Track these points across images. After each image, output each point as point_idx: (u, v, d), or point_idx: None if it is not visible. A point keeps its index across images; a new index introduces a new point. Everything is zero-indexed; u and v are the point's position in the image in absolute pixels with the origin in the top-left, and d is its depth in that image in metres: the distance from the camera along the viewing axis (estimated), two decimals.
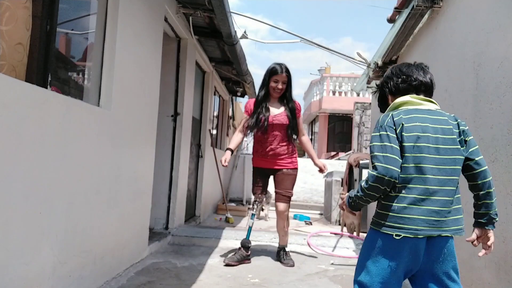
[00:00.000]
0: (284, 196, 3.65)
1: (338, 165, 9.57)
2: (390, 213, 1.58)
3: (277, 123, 3.63)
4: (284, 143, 3.69)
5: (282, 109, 3.69)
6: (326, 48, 5.24)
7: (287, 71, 3.62)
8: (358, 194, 1.65)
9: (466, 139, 1.64)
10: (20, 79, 1.93)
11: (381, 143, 1.59)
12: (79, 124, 2.30)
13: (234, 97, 9.52)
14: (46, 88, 2.12)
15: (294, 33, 5.14)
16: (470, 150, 1.64)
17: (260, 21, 5.35)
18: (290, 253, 3.88)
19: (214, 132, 7.72)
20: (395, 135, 1.59)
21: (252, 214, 3.76)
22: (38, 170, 1.94)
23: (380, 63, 4.17)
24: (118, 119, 2.83)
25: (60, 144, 2.11)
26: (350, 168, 7.06)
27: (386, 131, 1.60)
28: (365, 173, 6.25)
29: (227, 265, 3.48)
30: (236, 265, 3.50)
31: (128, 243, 3.14)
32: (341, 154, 12.70)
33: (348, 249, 4.44)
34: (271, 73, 3.61)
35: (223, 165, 3.56)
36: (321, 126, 17.12)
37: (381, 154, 1.57)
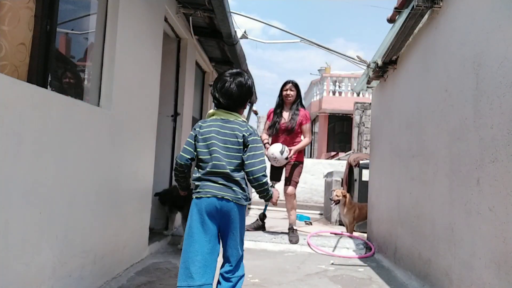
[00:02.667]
0: (292, 181, 4.63)
1: (338, 165, 9.58)
2: None
3: (285, 127, 4.63)
4: (294, 142, 4.65)
5: (290, 115, 4.68)
6: (326, 48, 5.23)
7: (295, 83, 4.74)
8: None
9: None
10: (22, 79, 1.93)
11: None
12: (79, 124, 2.30)
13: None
14: (46, 88, 2.12)
15: (294, 33, 5.14)
16: None
17: (262, 22, 5.35)
18: (290, 253, 3.89)
19: None
20: None
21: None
22: (38, 170, 1.94)
23: (380, 63, 4.16)
24: (118, 119, 2.83)
25: (60, 144, 2.11)
26: (350, 168, 7.06)
27: None
28: (365, 173, 6.26)
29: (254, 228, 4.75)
30: (251, 231, 4.72)
31: (128, 243, 3.14)
32: (341, 154, 12.69)
33: (348, 249, 4.44)
34: (283, 85, 4.76)
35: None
36: (321, 126, 17.12)
37: None
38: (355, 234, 5.31)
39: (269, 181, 2.51)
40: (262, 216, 5.00)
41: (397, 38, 3.54)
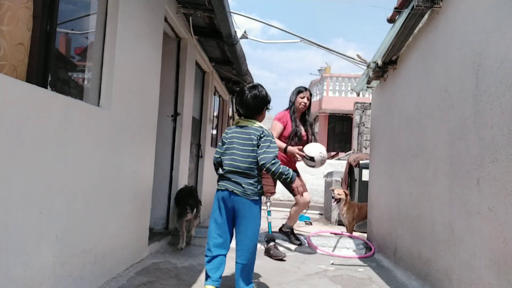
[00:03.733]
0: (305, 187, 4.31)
1: (338, 165, 9.58)
2: None
3: (304, 135, 4.39)
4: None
5: (304, 124, 4.46)
6: (326, 48, 5.23)
7: (309, 90, 4.45)
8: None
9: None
10: (21, 79, 1.93)
11: None
12: (79, 124, 2.30)
13: (234, 97, 9.52)
14: (46, 88, 2.12)
15: (294, 33, 5.14)
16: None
17: (262, 21, 5.35)
18: (290, 253, 3.90)
19: (214, 132, 7.72)
20: None
21: (268, 211, 4.32)
22: (38, 170, 1.93)
23: (380, 63, 4.16)
24: (118, 119, 2.83)
25: (60, 144, 2.11)
26: (350, 168, 7.06)
27: None
28: (365, 173, 6.26)
29: (280, 259, 3.91)
30: (274, 259, 3.94)
31: (128, 243, 3.14)
32: (341, 154, 12.70)
33: (348, 249, 4.44)
34: (298, 92, 4.41)
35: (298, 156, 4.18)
36: (321, 126, 17.11)
37: None
38: (355, 234, 5.31)
39: (285, 169, 2.62)
40: (269, 239, 4.16)
41: (397, 38, 3.54)
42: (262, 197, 2.78)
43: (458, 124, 2.54)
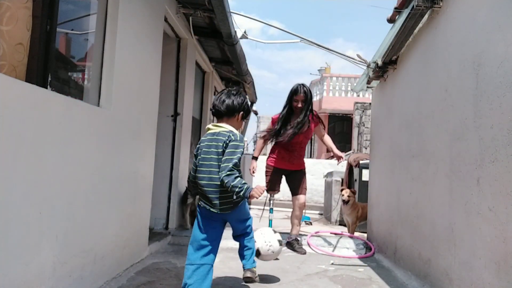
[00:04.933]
0: (302, 189, 4.34)
1: (338, 165, 9.57)
2: None
3: (301, 134, 4.25)
4: (304, 150, 4.51)
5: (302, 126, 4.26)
6: (326, 48, 5.23)
7: (306, 92, 4.20)
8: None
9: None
10: (20, 79, 1.93)
11: None
12: (79, 124, 2.30)
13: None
14: (46, 88, 2.12)
15: (293, 33, 5.13)
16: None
17: (262, 21, 5.35)
18: (290, 253, 3.90)
19: None
20: None
21: (271, 208, 4.41)
22: (38, 170, 1.93)
23: (380, 63, 4.16)
24: (118, 119, 2.83)
25: (60, 144, 2.11)
26: (350, 168, 7.07)
27: None
28: (365, 173, 6.26)
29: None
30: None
31: (128, 243, 3.14)
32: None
33: (348, 249, 4.44)
34: (293, 93, 4.21)
35: (251, 174, 4.33)
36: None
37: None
38: (355, 234, 5.31)
39: (239, 182, 2.30)
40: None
41: (397, 38, 3.54)
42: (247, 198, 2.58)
43: (458, 124, 2.54)
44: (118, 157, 2.87)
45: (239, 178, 2.31)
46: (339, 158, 4.39)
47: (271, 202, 4.41)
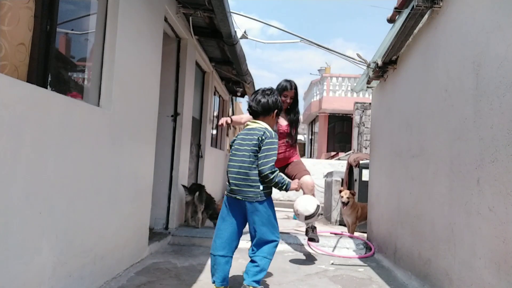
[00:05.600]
0: (306, 170, 4.06)
1: (338, 165, 9.59)
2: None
3: (281, 131, 4.03)
4: (290, 147, 4.17)
5: (286, 120, 4.11)
6: (326, 48, 5.23)
7: (295, 88, 4.08)
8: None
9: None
10: (22, 79, 1.93)
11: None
12: (79, 124, 2.30)
13: (234, 97, 9.52)
14: (46, 88, 2.12)
15: (293, 33, 5.14)
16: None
17: (262, 22, 5.35)
18: (290, 253, 3.90)
19: (214, 132, 7.71)
20: None
21: None
22: (38, 170, 1.93)
23: (380, 63, 4.16)
24: (118, 119, 2.83)
25: (60, 144, 2.11)
26: (350, 168, 7.06)
27: None
28: (365, 173, 6.26)
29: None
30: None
31: (128, 243, 3.14)
32: (341, 154, 12.69)
33: (348, 249, 4.44)
34: (283, 89, 4.05)
35: (218, 125, 4.01)
36: (321, 126, 17.12)
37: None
38: (355, 234, 5.31)
39: (281, 178, 2.67)
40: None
41: (397, 38, 3.54)
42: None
43: (458, 124, 2.54)
44: (118, 157, 2.87)
45: (280, 175, 2.67)
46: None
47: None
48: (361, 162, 6.57)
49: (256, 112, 2.81)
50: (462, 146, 2.46)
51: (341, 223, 6.60)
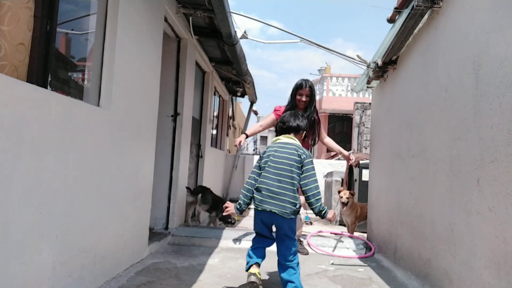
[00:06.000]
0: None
1: (338, 165, 9.58)
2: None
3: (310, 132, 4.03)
4: (305, 145, 4.11)
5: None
6: (326, 48, 5.23)
7: (310, 86, 4.09)
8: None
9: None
10: (21, 79, 1.93)
11: None
12: (79, 124, 2.30)
13: (234, 97, 9.52)
14: (46, 88, 2.12)
15: (293, 33, 5.14)
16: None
17: (262, 22, 5.35)
18: None
19: (214, 132, 7.71)
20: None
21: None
22: (38, 170, 1.93)
23: (380, 63, 4.16)
24: (118, 119, 2.83)
25: (60, 144, 2.11)
26: (350, 168, 7.06)
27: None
28: (366, 173, 6.26)
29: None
30: None
31: (128, 243, 3.14)
32: None
33: (348, 249, 4.44)
34: (298, 87, 4.07)
35: (235, 145, 4.19)
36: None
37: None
38: (355, 234, 5.31)
39: (322, 204, 2.79)
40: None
41: (397, 38, 3.54)
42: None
43: (458, 124, 2.54)
44: (118, 157, 2.87)
45: (321, 200, 2.80)
46: (349, 159, 4.48)
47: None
48: (361, 162, 6.56)
49: (290, 129, 2.97)
50: (462, 146, 2.46)
51: (341, 223, 6.60)
